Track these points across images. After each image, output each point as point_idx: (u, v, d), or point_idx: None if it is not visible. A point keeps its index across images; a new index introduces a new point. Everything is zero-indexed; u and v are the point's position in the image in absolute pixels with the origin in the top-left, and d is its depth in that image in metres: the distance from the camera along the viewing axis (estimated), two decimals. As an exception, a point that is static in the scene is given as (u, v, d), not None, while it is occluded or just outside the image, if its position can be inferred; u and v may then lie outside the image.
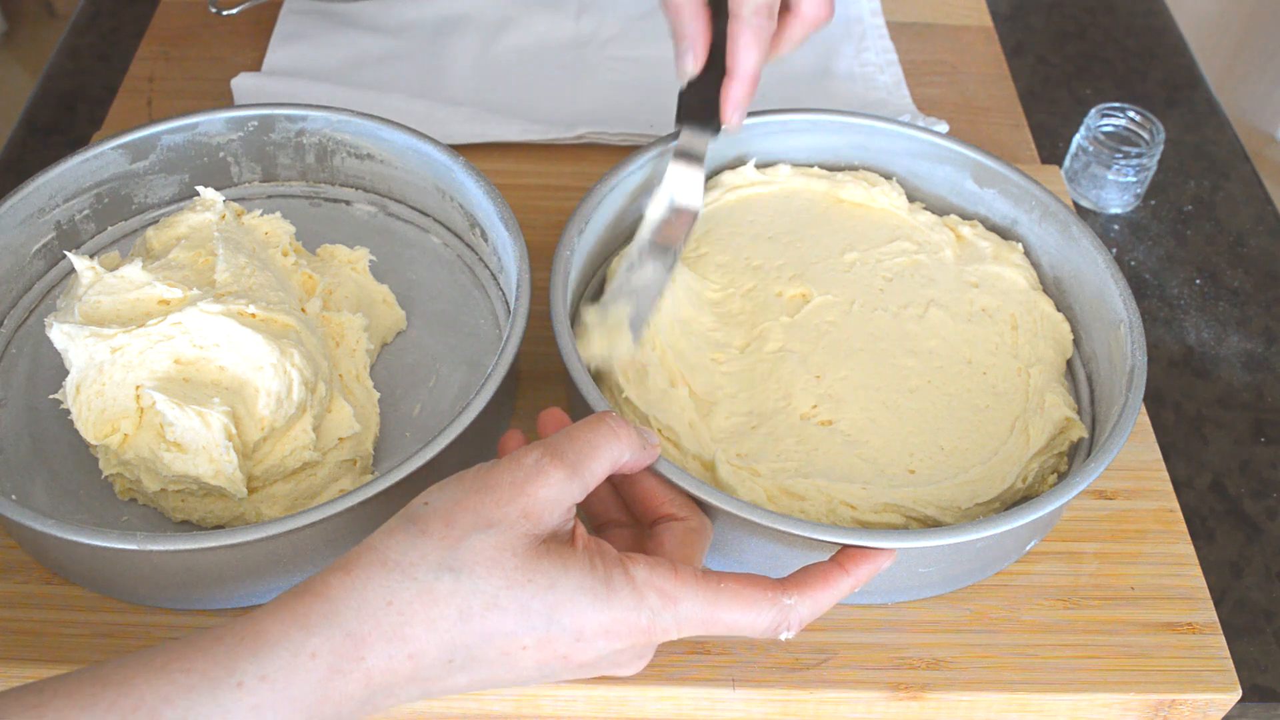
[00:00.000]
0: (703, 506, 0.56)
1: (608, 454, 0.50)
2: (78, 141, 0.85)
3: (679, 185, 0.68)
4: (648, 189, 0.71)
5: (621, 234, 0.73)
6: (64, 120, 0.89)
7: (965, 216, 0.75)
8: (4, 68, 2.17)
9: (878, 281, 0.70)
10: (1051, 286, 0.72)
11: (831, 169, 0.77)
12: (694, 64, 0.64)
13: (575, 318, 0.67)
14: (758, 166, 0.76)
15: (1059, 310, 0.70)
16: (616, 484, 0.56)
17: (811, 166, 0.76)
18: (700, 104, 0.66)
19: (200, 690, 0.42)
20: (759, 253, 0.72)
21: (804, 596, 0.51)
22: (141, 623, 0.59)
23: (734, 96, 0.64)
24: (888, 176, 0.76)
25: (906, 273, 0.71)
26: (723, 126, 0.66)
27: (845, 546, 0.54)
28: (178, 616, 0.60)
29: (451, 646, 0.45)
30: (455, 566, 0.45)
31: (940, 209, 0.76)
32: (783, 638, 0.50)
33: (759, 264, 0.71)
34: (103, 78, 0.92)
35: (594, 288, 0.72)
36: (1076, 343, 0.70)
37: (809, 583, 0.51)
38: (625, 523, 0.56)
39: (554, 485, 0.48)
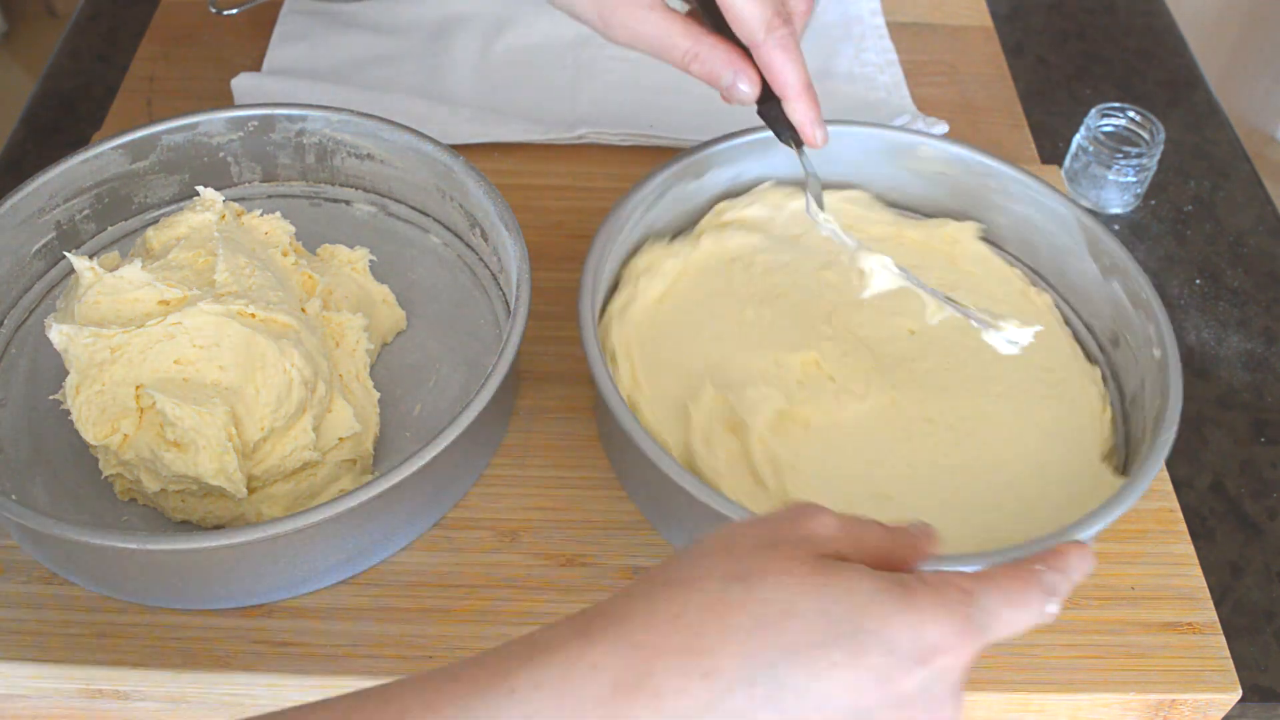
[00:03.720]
0: (658, 476, 0.55)
1: (880, 533, 0.45)
2: (78, 141, 0.85)
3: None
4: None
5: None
6: (64, 120, 0.89)
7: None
8: (4, 68, 2.17)
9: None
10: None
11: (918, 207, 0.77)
12: (750, 85, 0.62)
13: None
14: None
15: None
16: None
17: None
18: (780, 125, 0.64)
19: (470, 698, 0.39)
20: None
21: (1049, 563, 0.45)
22: (142, 622, 0.59)
23: (808, 114, 0.62)
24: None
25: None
26: (808, 146, 0.64)
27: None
28: (180, 616, 0.60)
29: (753, 664, 0.39)
30: (744, 576, 0.41)
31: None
32: (1050, 611, 0.44)
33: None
34: (103, 78, 0.92)
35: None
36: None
37: (1045, 556, 0.46)
38: None
39: (829, 525, 0.44)
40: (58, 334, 0.59)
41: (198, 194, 0.66)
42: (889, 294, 0.66)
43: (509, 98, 0.89)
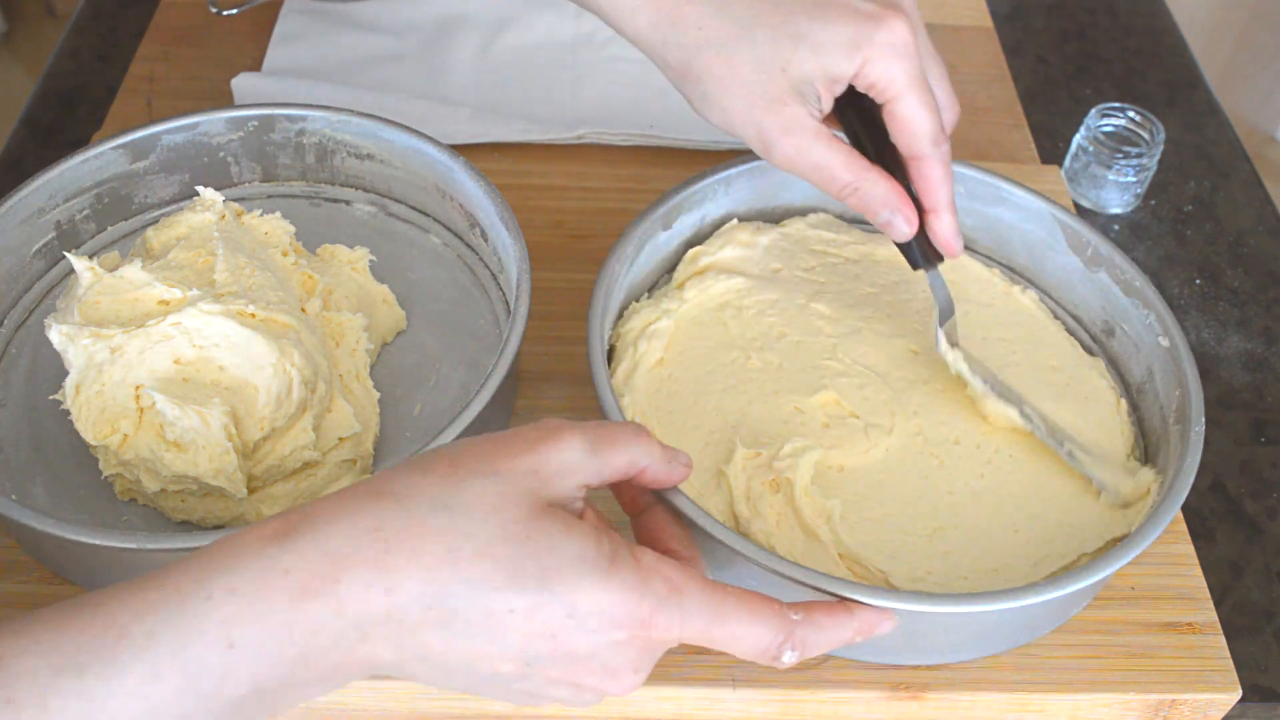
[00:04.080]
0: (713, 543, 0.54)
1: (630, 449, 0.48)
2: (78, 141, 0.85)
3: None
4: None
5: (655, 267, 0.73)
6: (64, 120, 0.89)
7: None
8: (4, 68, 2.17)
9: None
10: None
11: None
12: (909, 224, 0.61)
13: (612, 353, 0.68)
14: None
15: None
16: (630, 513, 0.54)
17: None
18: (923, 247, 0.63)
19: (169, 604, 0.41)
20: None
21: (809, 618, 0.48)
22: (142, 623, 0.59)
23: (952, 227, 0.62)
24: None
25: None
26: (949, 256, 0.63)
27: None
28: (178, 616, 0.60)
29: (433, 590, 0.42)
30: (451, 505, 0.43)
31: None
32: (785, 660, 0.47)
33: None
34: (103, 78, 0.92)
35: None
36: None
37: (814, 608, 0.49)
38: None
39: (569, 451, 0.45)
40: (57, 334, 0.59)
41: (198, 194, 0.66)
42: (877, 314, 0.68)
43: (509, 97, 0.89)
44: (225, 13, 0.92)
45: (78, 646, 0.40)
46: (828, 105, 0.59)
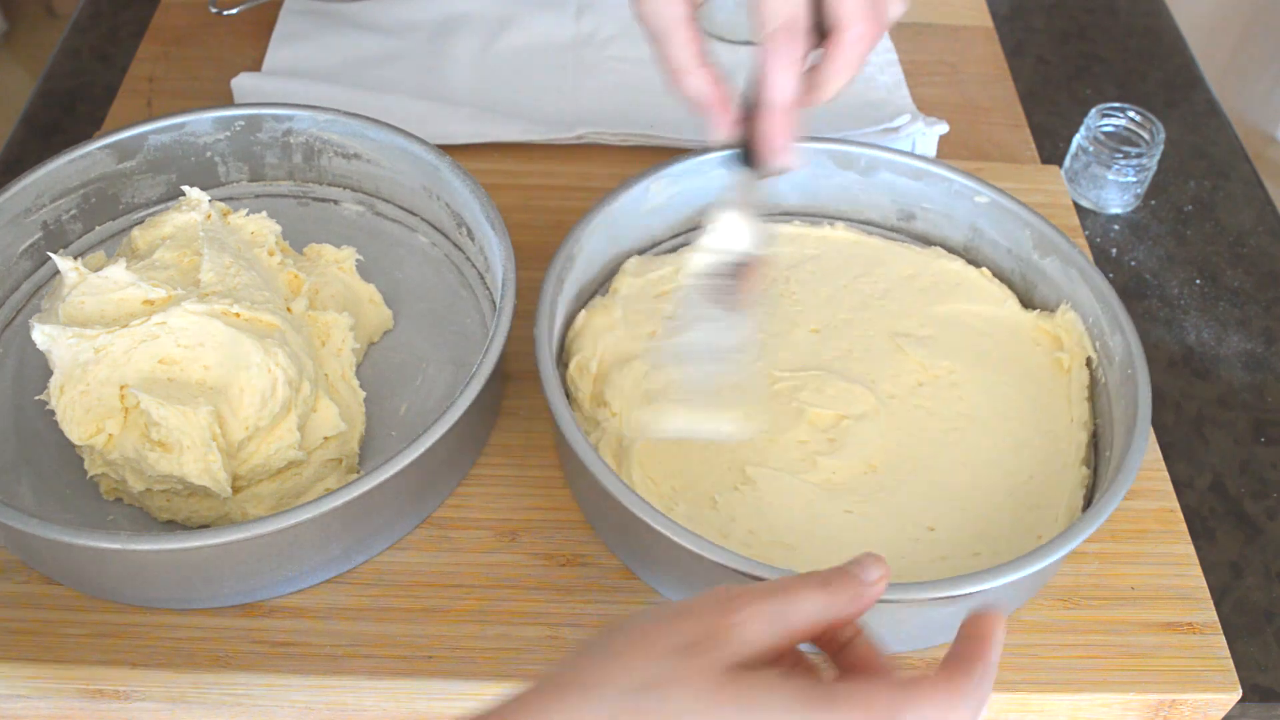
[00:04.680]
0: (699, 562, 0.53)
1: (811, 607, 0.43)
2: (78, 141, 0.85)
3: (727, 232, 0.60)
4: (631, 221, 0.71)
5: (606, 270, 0.72)
6: (64, 120, 0.89)
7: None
8: (4, 68, 2.17)
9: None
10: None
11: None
12: (722, 129, 0.58)
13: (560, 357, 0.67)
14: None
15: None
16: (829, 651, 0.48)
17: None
18: (743, 144, 0.58)
19: None
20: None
21: (986, 666, 0.44)
22: (141, 623, 0.59)
23: (769, 133, 0.56)
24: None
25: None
26: (768, 167, 0.58)
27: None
28: (178, 616, 0.60)
29: None
30: (654, 685, 0.40)
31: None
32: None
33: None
34: (103, 78, 0.92)
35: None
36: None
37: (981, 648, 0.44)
38: None
39: (753, 620, 0.42)
40: (41, 334, 0.59)
41: (184, 194, 0.66)
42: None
43: (509, 97, 0.89)
44: (225, 13, 0.92)
45: None
46: None
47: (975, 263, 0.74)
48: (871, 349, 0.69)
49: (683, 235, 0.75)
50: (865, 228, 0.77)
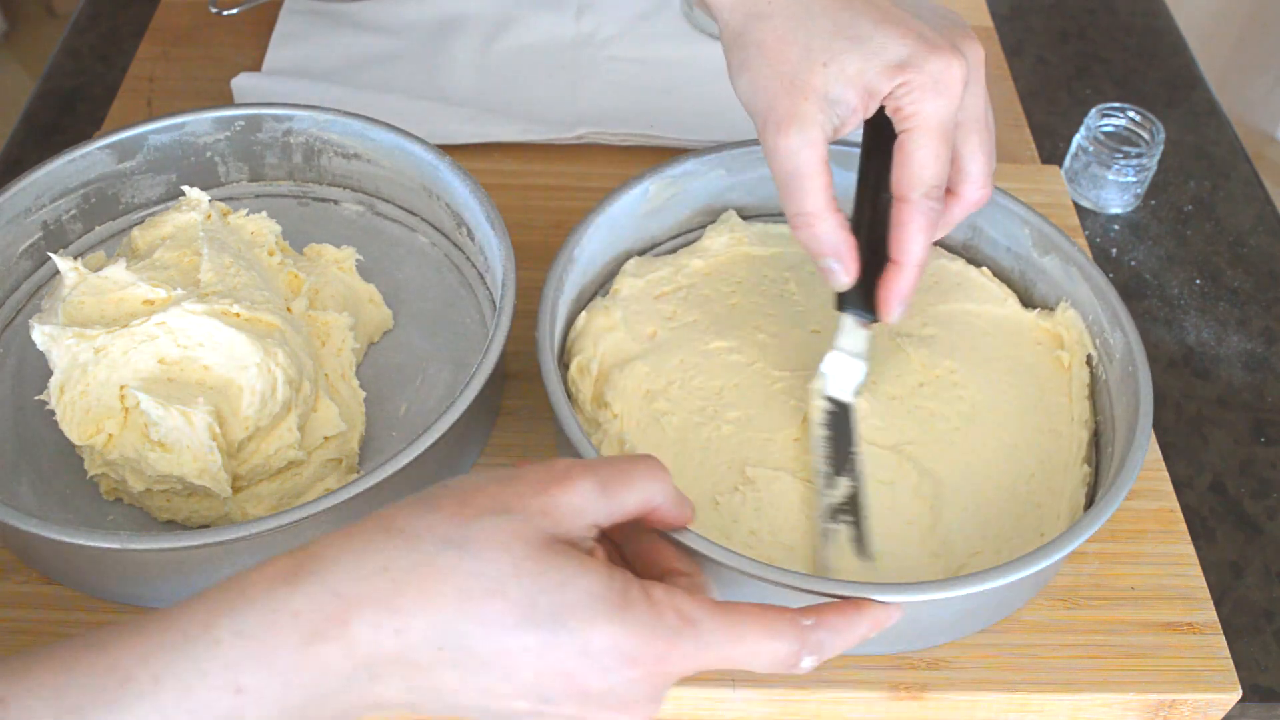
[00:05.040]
0: (715, 565, 0.53)
1: (643, 488, 0.47)
2: (78, 141, 0.85)
3: (840, 380, 0.63)
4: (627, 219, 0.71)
5: (607, 269, 0.72)
6: (64, 120, 0.89)
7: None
8: (4, 68, 2.17)
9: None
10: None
11: None
12: (847, 278, 0.58)
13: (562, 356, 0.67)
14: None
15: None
16: (619, 541, 0.53)
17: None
18: (859, 292, 0.59)
19: (176, 647, 0.40)
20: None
21: (822, 621, 0.47)
22: (141, 623, 0.59)
23: (900, 290, 0.58)
24: None
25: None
26: (882, 318, 0.60)
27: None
28: (178, 616, 0.60)
29: (444, 630, 0.41)
30: (462, 542, 0.42)
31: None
32: (805, 666, 0.47)
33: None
34: (103, 78, 0.92)
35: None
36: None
37: (825, 611, 0.48)
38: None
39: (580, 494, 0.44)
40: (41, 335, 0.59)
41: (184, 194, 0.66)
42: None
43: (509, 97, 0.89)
44: (225, 13, 0.92)
45: (81, 690, 0.39)
46: (848, 127, 0.57)
47: (975, 262, 0.74)
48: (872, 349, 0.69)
49: (683, 235, 0.75)
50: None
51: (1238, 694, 0.59)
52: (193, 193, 0.66)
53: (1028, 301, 0.72)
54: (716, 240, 0.73)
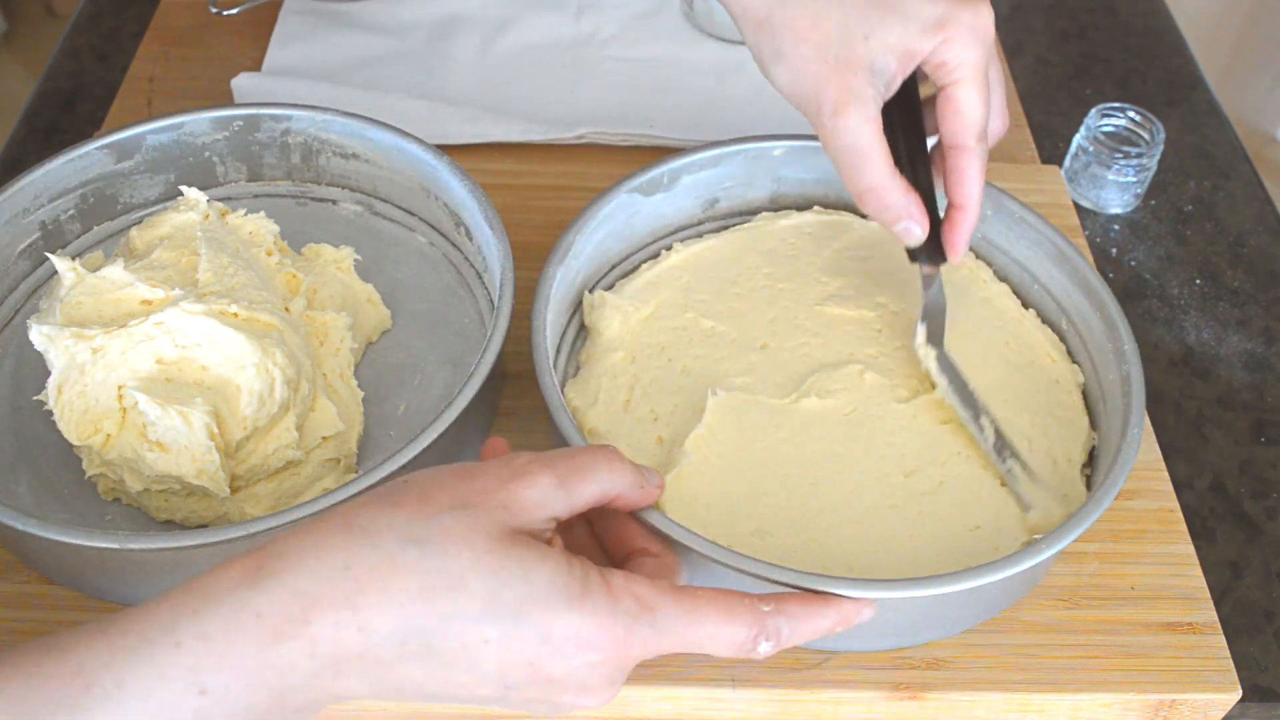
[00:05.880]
0: (681, 549, 0.53)
1: (601, 479, 0.48)
2: (78, 141, 0.85)
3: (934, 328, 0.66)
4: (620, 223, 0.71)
5: (603, 267, 0.72)
6: (64, 120, 0.89)
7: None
8: (4, 68, 2.17)
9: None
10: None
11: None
12: (923, 231, 0.61)
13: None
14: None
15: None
16: (591, 519, 0.54)
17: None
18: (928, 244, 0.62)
19: (138, 651, 0.40)
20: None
21: (781, 608, 0.48)
22: (140, 623, 0.59)
23: (967, 231, 0.61)
24: None
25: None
26: (951, 261, 0.63)
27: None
28: (177, 617, 0.60)
29: (407, 626, 0.42)
30: (422, 539, 0.42)
31: None
32: (760, 652, 0.47)
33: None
34: (103, 78, 0.92)
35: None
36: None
37: (786, 599, 0.49)
38: (596, 560, 0.52)
39: (539, 488, 0.45)
40: (38, 335, 0.59)
41: (182, 194, 0.66)
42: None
43: (509, 97, 0.89)
44: (225, 13, 0.92)
45: (45, 696, 0.39)
46: (893, 88, 0.58)
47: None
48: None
49: (680, 232, 0.75)
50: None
51: (1238, 694, 0.59)
52: (191, 193, 0.66)
53: (1026, 301, 0.72)
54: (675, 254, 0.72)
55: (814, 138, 0.67)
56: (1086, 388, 0.68)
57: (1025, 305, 0.72)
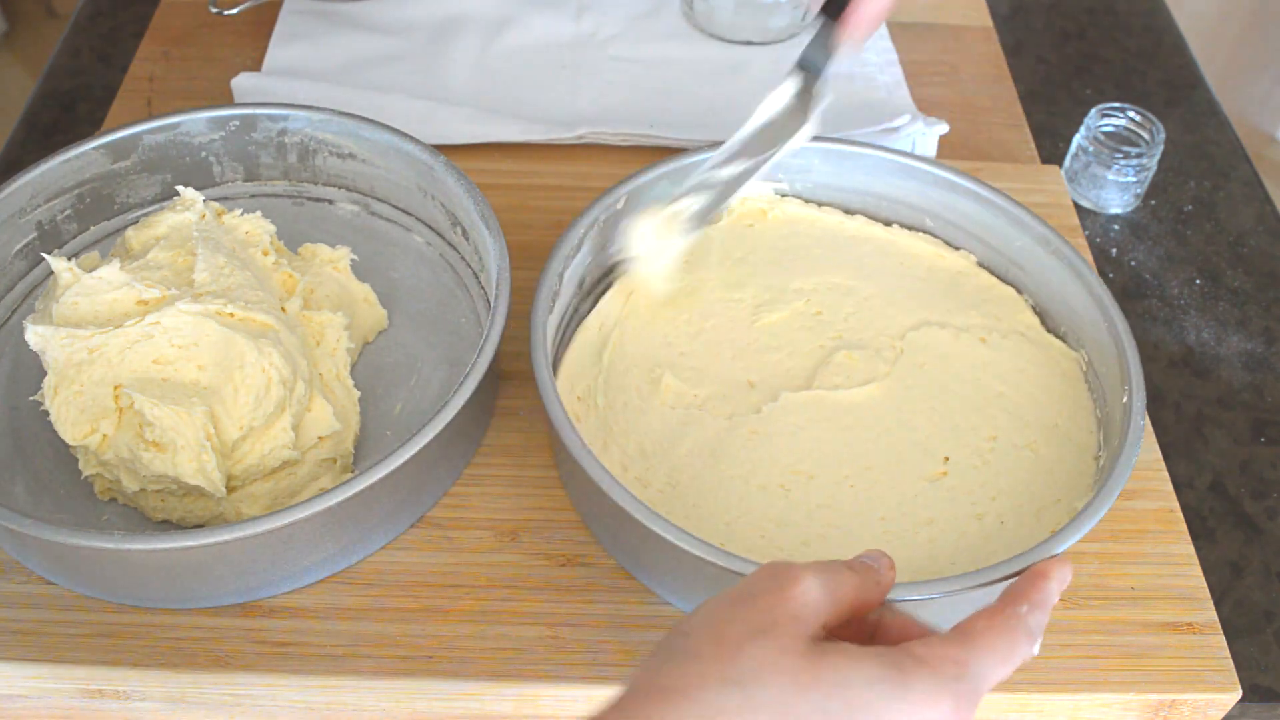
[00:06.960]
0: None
1: (847, 574, 0.46)
2: (78, 141, 0.85)
3: (791, 94, 0.63)
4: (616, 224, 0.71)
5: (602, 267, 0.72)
6: (64, 120, 0.89)
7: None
8: (4, 68, 2.17)
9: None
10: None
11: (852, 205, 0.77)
12: None
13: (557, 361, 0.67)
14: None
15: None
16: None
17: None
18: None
19: None
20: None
21: (1032, 603, 0.47)
22: (140, 623, 0.59)
23: (874, 10, 0.60)
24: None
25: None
26: (845, 38, 0.61)
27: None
28: (177, 616, 0.59)
29: None
30: (739, 679, 0.41)
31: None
32: (1034, 653, 0.46)
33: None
34: (103, 78, 0.92)
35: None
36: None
37: (1014, 591, 0.48)
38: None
39: (812, 589, 0.44)
40: (35, 335, 0.59)
41: (179, 194, 0.66)
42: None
43: (509, 97, 0.89)
44: (225, 13, 0.92)
45: None
46: None
47: (975, 262, 0.74)
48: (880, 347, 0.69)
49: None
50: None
51: (1238, 694, 0.59)
52: (187, 193, 0.66)
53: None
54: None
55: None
56: (1086, 378, 0.68)
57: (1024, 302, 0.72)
